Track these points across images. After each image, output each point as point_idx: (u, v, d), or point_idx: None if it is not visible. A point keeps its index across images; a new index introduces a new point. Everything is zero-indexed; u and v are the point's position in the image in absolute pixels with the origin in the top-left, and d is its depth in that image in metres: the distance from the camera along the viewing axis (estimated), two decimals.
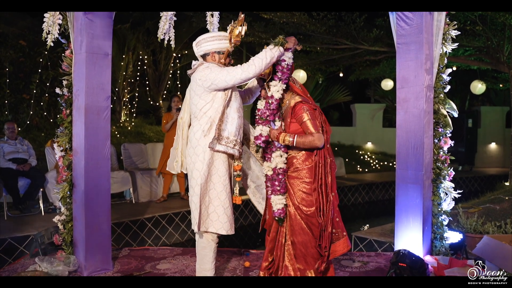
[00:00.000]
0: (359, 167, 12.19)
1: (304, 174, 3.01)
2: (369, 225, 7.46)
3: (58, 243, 3.80)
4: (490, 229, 4.25)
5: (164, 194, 7.00)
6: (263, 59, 2.89)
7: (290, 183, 3.05)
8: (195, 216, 2.98)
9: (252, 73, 2.90)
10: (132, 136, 9.74)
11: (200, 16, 8.55)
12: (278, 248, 3.08)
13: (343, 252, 3.07)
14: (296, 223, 3.02)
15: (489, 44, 7.90)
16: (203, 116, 3.00)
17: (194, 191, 3.00)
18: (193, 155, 3.01)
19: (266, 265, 3.15)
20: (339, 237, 3.06)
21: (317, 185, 2.96)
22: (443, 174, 3.68)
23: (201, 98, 3.00)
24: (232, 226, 3.06)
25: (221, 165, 3.02)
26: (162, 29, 3.39)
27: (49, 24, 3.36)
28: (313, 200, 2.97)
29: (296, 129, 3.01)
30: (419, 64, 3.62)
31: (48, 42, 3.39)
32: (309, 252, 3.02)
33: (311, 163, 3.00)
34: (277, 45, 2.92)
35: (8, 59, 8.05)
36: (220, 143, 2.95)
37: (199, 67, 3.03)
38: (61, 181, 3.72)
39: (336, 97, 15.65)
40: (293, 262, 3.05)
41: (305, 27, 8.37)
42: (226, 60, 3.13)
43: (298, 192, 3.02)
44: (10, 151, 5.88)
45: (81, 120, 3.55)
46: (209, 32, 3.17)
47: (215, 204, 3.01)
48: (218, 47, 3.08)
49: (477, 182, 11.87)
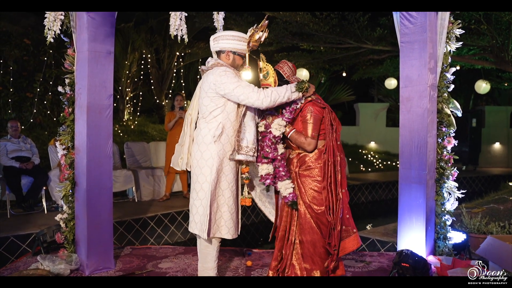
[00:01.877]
0: (363, 167, 12.16)
1: (316, 173, 3.02)
2: (372, 224, 7.44)
3: (60, 241, 3.81)
4: (494, 230, 4.22)
5: (167, 193, 7.00)
6: (281, 97, 2.91)
7: (301, 181, 3.04)
8: (202, 221, 2.94)
9: (266, 105, 2.91)
10: (135, 135, 9.76)
11: (202, 16, 8.54)
12: (287, 247, 3.07)
13: (353, 249, 3.07)
14: (305, 221, 3.02)
15: (494, 43, 7.85)
16: (212, 120, 2.96)
17: (198, 195, 2.98)
18: (200, 160, 2.97)
19: (275, 264, 3.14)
20: (349, 234, 3.06)
21: (326, 183, 2.97)
22: (446, 173, 3.66)
23: (212, 101, 2.96)
24: (237, 229, 3.09)
25: (229, 172, 3.01)
26: (174, 25, 3.35)
27: (50, 20, 3.33)
28: (323, 199, 2.98)
29: (300, 127, 3.04)
30: (422, 63, 3.59)
31: (48, 38, 3.35)
32: (317, 251, 3.02)
33: (322, 162, 3.01)
34: (300, 91, 2.94)
35: (12, 58, 8.08)
36: (240, 153, 2.95)
37: (216, 69, 2.97)
38: (63, 180, 3.72)
39: (340, 96, 15.59)
40: (300, 261, 3.05)
41: (308, 27, 8.35)
42: (240, 62, 3.11)
43: (310, 191, 3.02)
44: (13, 149, 5.89)
45: (83, 118, 3.54)
46: (229, 30, 3.14)
47: (223, 210, 3.00)
48: (235, 47, 3.04)
49: (481, 182, 11.81)
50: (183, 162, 3.16)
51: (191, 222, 3.02)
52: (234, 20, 8.41)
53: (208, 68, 3.05)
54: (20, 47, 8.23)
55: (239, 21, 8.39)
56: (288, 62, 3.16)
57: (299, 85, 2.93)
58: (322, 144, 3.07)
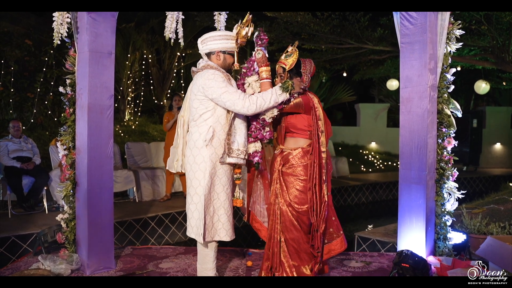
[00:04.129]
0: (363, 167, 12.16)
1: (299, 171, 3.03)
2: (372, 225, 7.45)
3: (61, 241, 3.81)
4: (494, 230, 4.22)
5: (168, 193, 7.01)
6: (267, 103, 2.88)
7: (284, 179, 3.06)
8: (197, 225, 2.96)
9: (251, 112, 2.89)
10: (136, 135, 9.77)
11: (203, 15, 8.55)
12: (274, 245, 3.09)
13: (339, 251, 3.10)
14: (287, 219, 3.04)
15: (495, 43, 7.85)
16: (203, 123, 2.96)
17: (193, 199, 3.00)
18: (193, 164, 2.98)
19: (267, 264, 3.15)
20: (335, 237, 3.07)
21: (311, 185, 2.98)
22: (446, 174, 3.67)
23: (201, 103, 2.96)
24: (233, 230, 3.11)
25: (223, 175, 3.02)
26: (170, 28, 3.36)
27: (59, 23, 3.34)
28: (306, 199, 3.00)
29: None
30: (423, 64, 3.60)
31: (55, 40, 3.36)
32: (302, 248, 3.05)
33: (306, 161, 3.03)
34: (285, 92, 2.90)
35: (13, 58, 8.09)
36: (231, 156, 2.95)
37: (206, 71, 2.98)
38: (64, 180, 3.73)
39: (340, 96, 15.61)
40: (287, 259, 3.07)
41: (309, 27, 8.36)
42: (231, 60, 3.11)
43: (292, 189, 3.03)
44: (14, 149, 5.91)
45: (84, 119, 3.55)
46: (215, 31, 3.14)
47: (220, 213, 3.02)
48: (224, 47, 3.05)
49: (481, 183, 11.80)
50: (179, 164, 3.18)
51: (188, 226, 3.05)
52: (235, 20, 8.41)
53: (198, 70, 3.06)
54: (21, 48, 8.24)
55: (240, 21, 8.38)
56: (312, 63, 3.17)
57: (283, 86, 2.91)
58: (308, 143, 3.08)
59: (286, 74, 3.05)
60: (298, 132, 3.10)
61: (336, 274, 3.62)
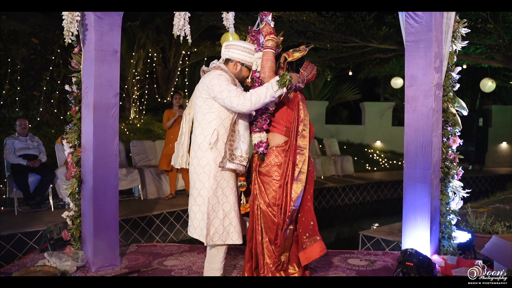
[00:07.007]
0: (368, 166, 12.14)
1: (274, 171, 3.03)
2: (377, 224, 7.44)
3: (67, 238, 3.84)
4: (499, 229, 4.20)
5: (172, 191, 7.04)
6: (262, 98, 2.82)
7: (261, 180, 3.06)
8: (201, 227, 2.99)
9: (247, 109, 2.85)
10: (141, 133, 9.81)
11: (209, 15, 8.56)
12: (257, 247, 3.09)
13: (318, 256, 3.06)
14: (269, 220, 3.03)
15: (501, 42, 7.81)
16: (207, 126, 2.95)
17: (196, 201, 3.02)
18: (197, 166, 2.98)
19: (249, 265, 3.14)
20: (313, 242, 3.05)
21: (283, 182, 2.97)
22: (451, 173, 3.66)
23: (204, 102, 2.97)
24: (244, 231, 3.14)
25: (230, 178, 3.02)
26: (178, 26, 3.37)
27: (68, 22, 3.35)
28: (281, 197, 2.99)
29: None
30: (428, 62, 3.59)
31: (66, 39, 3.35)
32: (286, 247, 3.06)
33: (280, 160, 3.02)
34: (283, 87, 2.80)
35: (19, 57, 8.14)
36: (233, 162, 2.92)
37: (213, 71, 3.00)
38: (70, 177, 3.76)
39: (346, 95, 15.59)
40: (272, 259, 3.05)
41: (314, 25, 8.35)
42: (246, 74, 3.12)
43: (269, 190, 3.03)
44: (20, 147, 5.95)
45: (89, 117, 3.57)
46: (243, 41, 3.15)
47: (231, 217, 3.02)
48: (244, 59, 3.06)
49: (487, 182, 11.75)
50: (184, 159, 3.18)
51: (191, 226, 3.07)
52: (241, 19, 8.43)
53: (208, 69, 3.07)
54: (27, 46, 8.30)
55: (246, 20, 8.40)
56: (315, 69, 3.16)
57: (281, 81, 2.79)
58: (284, 140, 3.06)
59: (285, 64, 3.06)
60: (275, 126, 3.07)
61: (341, 272, 3.62)
